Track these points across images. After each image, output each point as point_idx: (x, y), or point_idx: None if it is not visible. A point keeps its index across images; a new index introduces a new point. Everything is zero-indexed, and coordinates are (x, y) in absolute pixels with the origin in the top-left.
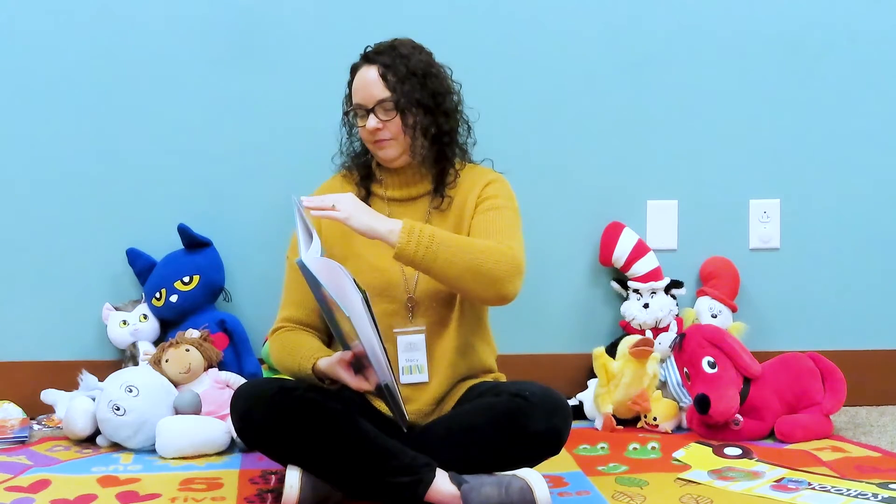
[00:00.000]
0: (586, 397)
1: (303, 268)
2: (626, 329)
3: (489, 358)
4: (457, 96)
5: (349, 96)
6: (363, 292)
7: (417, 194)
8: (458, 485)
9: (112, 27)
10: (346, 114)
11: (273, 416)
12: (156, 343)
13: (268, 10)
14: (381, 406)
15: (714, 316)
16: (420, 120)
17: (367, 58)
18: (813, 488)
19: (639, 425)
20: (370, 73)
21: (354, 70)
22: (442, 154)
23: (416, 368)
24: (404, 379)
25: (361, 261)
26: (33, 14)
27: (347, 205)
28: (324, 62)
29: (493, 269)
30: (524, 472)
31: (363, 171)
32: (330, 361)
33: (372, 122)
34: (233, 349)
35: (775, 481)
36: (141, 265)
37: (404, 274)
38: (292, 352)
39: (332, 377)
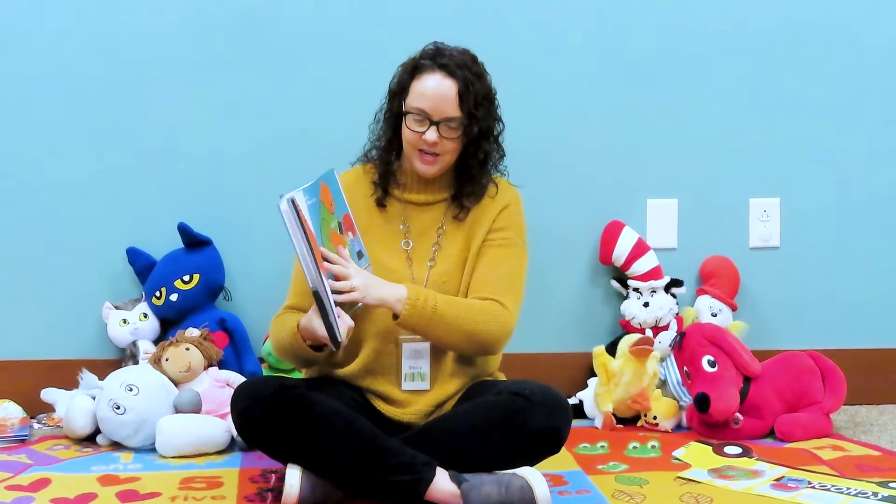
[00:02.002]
0: (586, 396)
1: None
2: (626, 328)
3: (493, 363)
4: (501, 123)
5: (402, 92)
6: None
7: (435, 200)
8: (458, 483)
9: (112, 27)
10: (391, 110)
11: (273, 415)
12: (156, 342)
13: (268, 11)
14: (380, 406)
15: (714, 315)
16: (479, 145)
17: (446, 67)
18: (813, 487)
19: (639, 424)
20: (447, 87)
21: (421, 70)
22: (475, 171)
23: (418, 376)
24: (406, 386)
25: (371, 259)
26: (33, 14)
27: (358, 282)
28: (324, 63)
29: (486, 337)
30: (524, 471)
31: (384, 172)
32: (307, 314)
33: (432, 135)
34: (233, 348)
35: (775, 480)
36: (141, 264)
37: (413, 277)
38: (285, 324)
39: (310, 332)
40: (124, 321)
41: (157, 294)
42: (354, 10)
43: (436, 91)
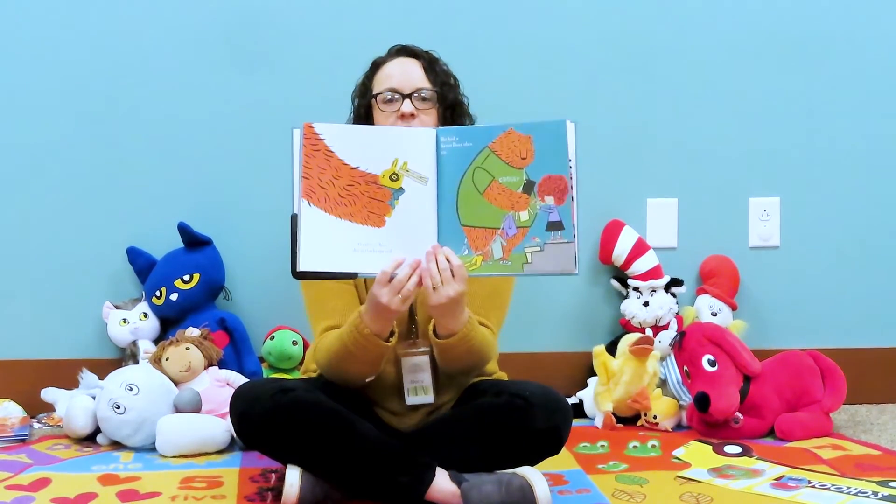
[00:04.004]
0: (586, 395)
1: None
2: (627, 327)
3: (491, 365)
4: (471, 117)
5: (367, 91)
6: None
7: None
8: (459, 483)
9: (112, 27)
10: (359, 115)
11: (272, 417)
12: (156, 341)
13: (268, 11)
14: (380, 413)
15: (714, 314)
16: (453, 121)
17: (405, 51)
18: (813, 486)
19: (639, 423)
20: (412, 64)
21: (381, 63)
22: None
23: (421, 390)
24: (410, 400)
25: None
26: (34, 14)
27: (446, 292)
28: (324, 62)
29: (479, 367)
30: (524, 471)
31: None
32: (368, 299)
33: (408, 106)
34: (233, 347)
35: (775, 479)
36: (141, 263)
37: None
38: (335, 337)
39: (378, 315)
40: (124, 321)
41: (158, 293)
42: (356, 10)
43: (400, 68)
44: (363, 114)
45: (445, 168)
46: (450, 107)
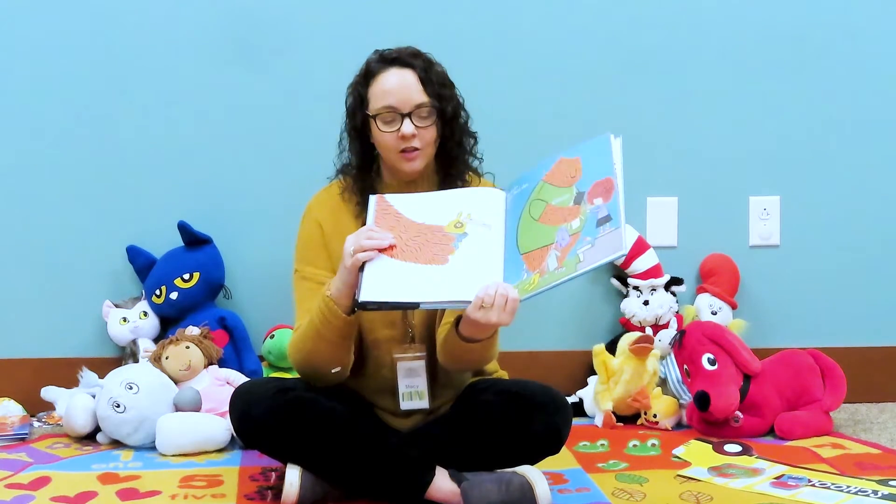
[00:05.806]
0: (586, 394)
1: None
2: (626, 326)
3: (491, 364)
4: (466, 111)
5: (362, 103)
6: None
7: None
8: (459, 482)
9: (112, 24)
10: (355, 127)
11: (272, 417)
12: (156, 340)
13: (268, 10)
14: (379, 413)
15: (714, 313)
16: (451, 130)
17: (398, 61)
18: (813, 485)
19: (639, 422)
20: (407, 76)
21: (374, 73)
22: (454, 168)
23: (416, 395)
24: (404, 405)
25: None
26: (33, 12)
27: (507, 319)
28: (323, 61)
29: (479, 368)
30: (524, 469)
31: (362, 189)
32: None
33: (409, 127)
34: (233, 346)
35: (775, 478)
36: (141, 262)
37: None
38: (305, 324)
39: (342, 288)
40: (124, 319)
41: (158, 292)
42: (356, 9)
43: (397, 83)
44: (360, 125)
45: (509, 214)
46: (449, 121)
